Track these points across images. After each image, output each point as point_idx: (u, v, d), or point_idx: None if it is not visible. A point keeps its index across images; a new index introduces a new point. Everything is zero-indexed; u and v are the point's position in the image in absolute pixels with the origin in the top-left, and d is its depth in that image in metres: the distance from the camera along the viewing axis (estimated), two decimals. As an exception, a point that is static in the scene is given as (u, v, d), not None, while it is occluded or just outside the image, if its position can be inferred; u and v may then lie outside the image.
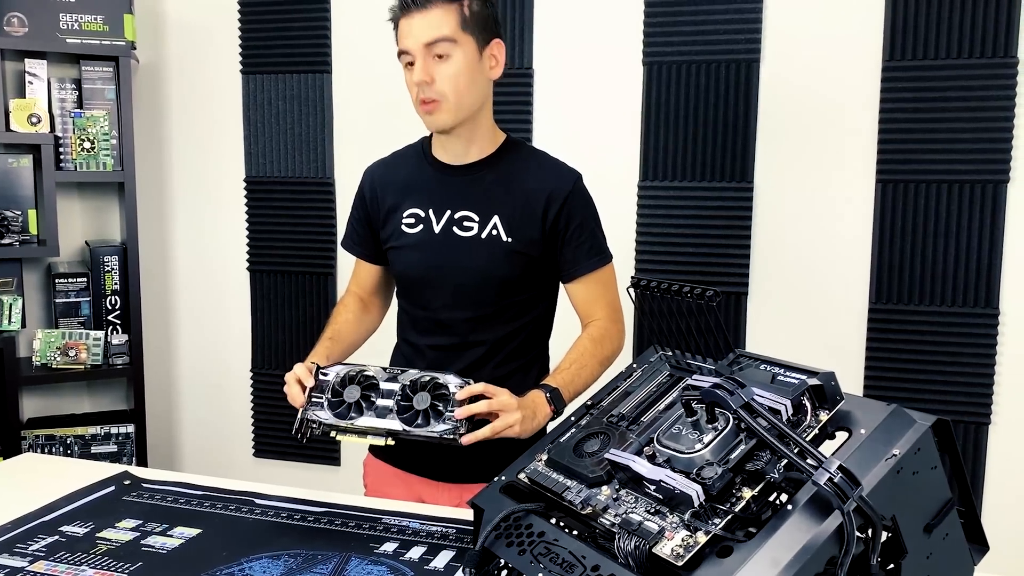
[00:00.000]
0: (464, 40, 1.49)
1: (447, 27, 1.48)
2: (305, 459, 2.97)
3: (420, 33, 1.48)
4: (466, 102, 1.52)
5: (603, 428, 1.16)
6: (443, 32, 1.48)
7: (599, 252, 1.61)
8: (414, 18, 1.48)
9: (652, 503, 1.01)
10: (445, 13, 1.48)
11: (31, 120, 2.54)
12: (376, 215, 1.68)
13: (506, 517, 1.11)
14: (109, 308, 2.74)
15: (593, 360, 1.57)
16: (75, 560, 1.30)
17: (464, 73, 1.50)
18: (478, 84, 1.54)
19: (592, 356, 1.57)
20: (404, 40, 1.51)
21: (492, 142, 1.61)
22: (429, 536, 1.39)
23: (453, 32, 1.48)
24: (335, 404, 1.44)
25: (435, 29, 1.48)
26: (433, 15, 1.48)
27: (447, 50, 1.48)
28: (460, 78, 1.50)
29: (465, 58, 1.49)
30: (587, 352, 1.57)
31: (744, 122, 2.46)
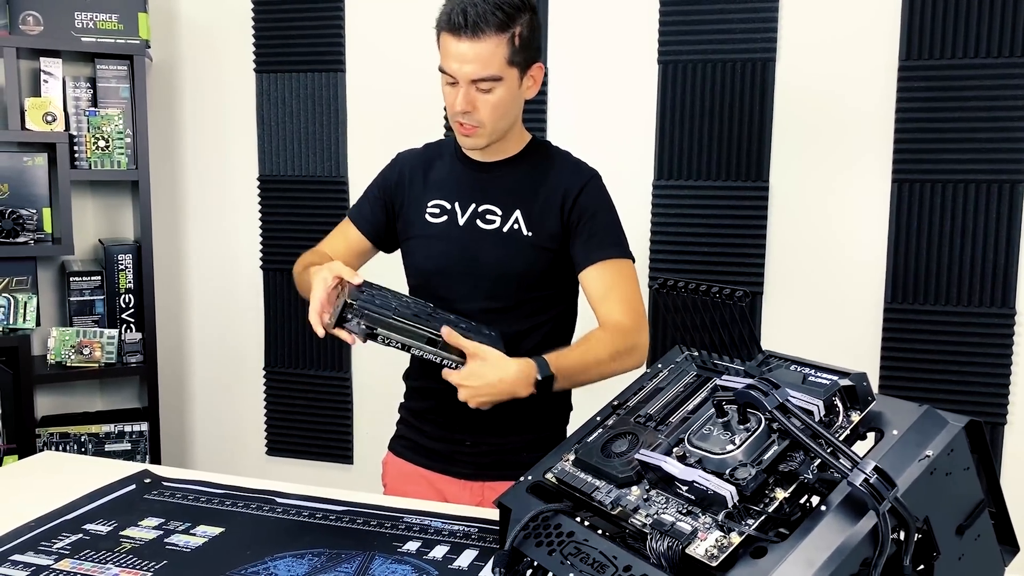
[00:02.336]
0: (510, 74, 1.49)
1: (495, 64, 1.47)
2: (318, 457, 2.97)
3: (468, 68, 1.47)
4: (501, 126, 1.55)
5: (631, 428, 1.16)
6: (491, 71, 1.47)
7: (615, 245, 1.59)
8: (463, 43, 1.46)
9: (684, 504, 1.01)
10: (497, 46, 1.46)
11: (46, 119, 2.54)
12: (398, 201, 1.69)
13: (535, 517, 1.11)
14: (123, 306, 2.75)
15: (602, 350, 1.49)
16: (100, 558, 1.30)
17: (505, 103, 1.51)
18: (516, 107, 1.57)
19: (602, 347, 1.50)
20: (449, 63, 1.49)
21: (518, 143, 1.64)
22: (452, 535, 1.39)
23: (500, 69, 1.47)
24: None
25: (484, 66, 1.46)
26: (484, 47, 1.45)
27: (492, 85, 1.49)
28: (500, 108, 1.51)
29: (508, 90, 1.50)
30: (596, 340, 1.51)
31: (760, 121, 2.45)
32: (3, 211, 2.50)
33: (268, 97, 2.84)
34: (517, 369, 1.40)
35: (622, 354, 1.52)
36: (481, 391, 1.39)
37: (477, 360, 1.39)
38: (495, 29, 1.44)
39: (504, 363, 1.40)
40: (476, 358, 1.39)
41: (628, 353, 1.53)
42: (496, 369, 1.38)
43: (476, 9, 1.44)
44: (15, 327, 2.57)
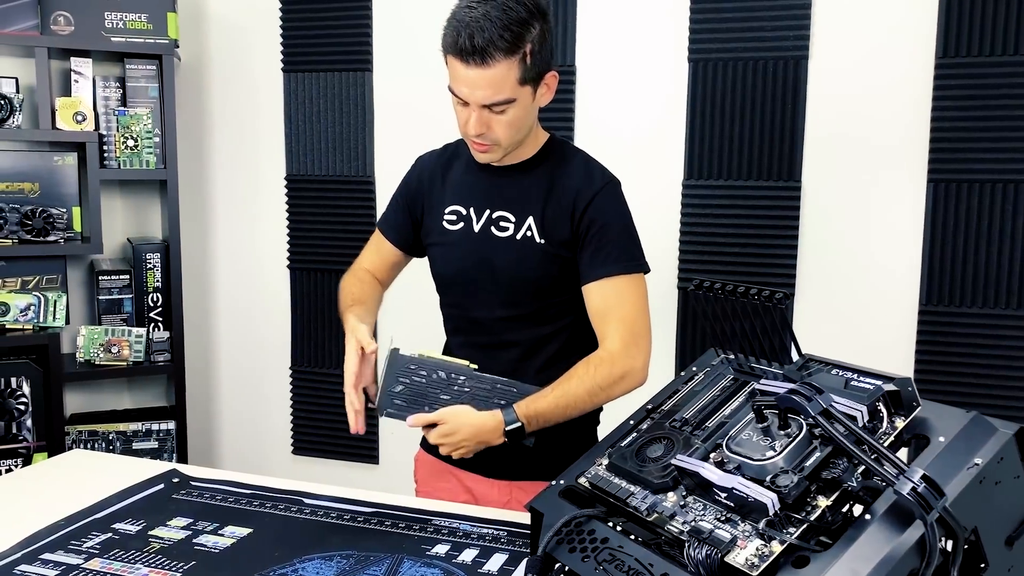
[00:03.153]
0: (522, 93, 1.43)
1: (507, 88, 1.41)
2: (344, 457, 2.97)
3: (478, 93, 1.42)
4: (517, 139, 1.52)
5: (666, 433, 1.14)
6: (503, 95, 1.42)
7: (619, 260, 1.51)
8: (472, 70, 1.40)
9: (722, 511, 0.98)
10: (508, 69, 1.39)
11: (76, 118, 2.55)
12: (419, 206, 1.67)
13: (568, 522, 1.09)
14: (151, 305, 2.76)
15: (580, 388, 1.46)
16: (129, 558, 1.30)
17: (519, 119, 1.47)
18: (531, 118, 1.53)
19: (579, 385, 1.46)
20: (459, 87, 1.44)
21: (533, 146, 1.59)
22: (481, 538, 1.38)
23: (512, 91, 1.42)
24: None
25: (495, 91, 1.41)
26: (494, 73, 1.39)
27: (505, 107, 1.44)
28: (515, 124, 1.48)
29: (522, 107, 1.46)
30: (575, 378, 1.47)
31: (792, 120, 2.42)
32: (34, 210, 2.52)
33: (295, 97, 2.84)
34: (481, 423, 1.42)
35: (606, 387, 1.48)
36: (458, 447, 1.44)
37: (445, 424, 1.43)
38: (504, 53, 1.37)
39: (469, 419, 1.42)
40: (442, 422, 1.43)
41: (615, 383, 1.48)
42: (464, 428, 1.43)
43: (484, 34, 1.36)
44: (45, 325, 2.59)
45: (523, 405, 1.44)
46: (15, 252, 2.53)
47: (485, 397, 1.46)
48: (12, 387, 2.55)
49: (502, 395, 1.46)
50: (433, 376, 1.45)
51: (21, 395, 2.55)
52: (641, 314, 1.54)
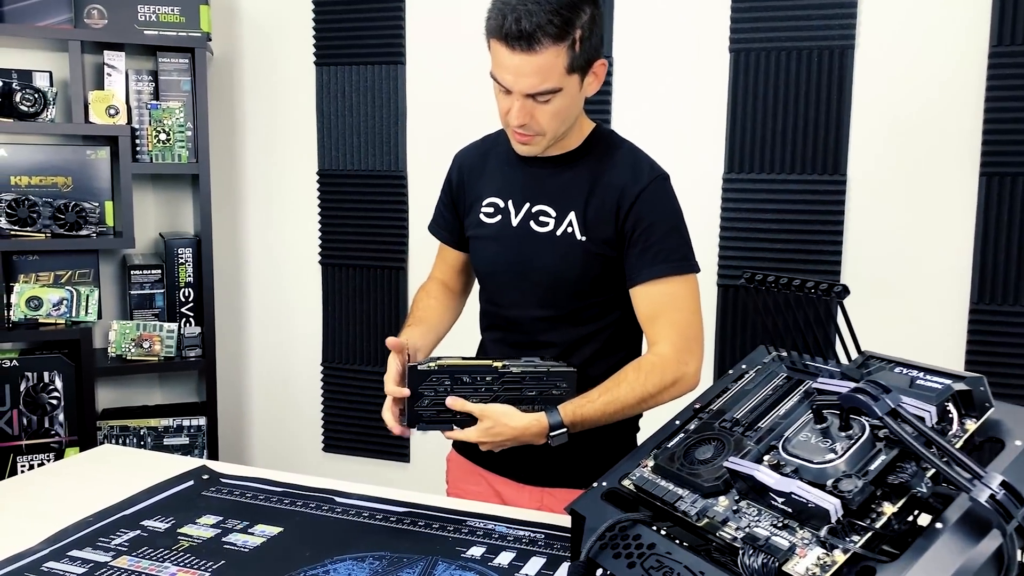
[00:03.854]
0: (569, 82, 1.36)
1: (554, 77, 1.34)
2: (375, 455, 2.93)
3: (523, 81, 1.35)
4: (561, 131, 1.45)
5: (716, 433, 1.08)
6: (549, 84, 1.35)
7: (669, 260, 1.44)
8: (517, 56, 1.32)
9: (778, 517, 0.93)
10: (556, 57, 1.32)
11: (109, 112, 2.54)
12: (461, 201, 1.62)
13: (612, 526, 1.03)
14: (183, 300, 2.74)
15: (630, 394, 1.40)
16: (158, 556, 1.28)
17: (565, 110, 1.40)
18: (576, 109, 1.45)
19: (629, 391, 1.40)
20: (502, 74, 1.37)
21: (578, 136, 1.52)
22: (517, 541, 1.34)
23: (559, 80, 1.34)
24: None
25: (541, 80, 1.33)
26: (541, 60, 1.32)
27: (550, 97, 1.37)
28: (560, 115, 1.40)
29: (568, 97, 1.39)
30: (625, 383, 1.41)
31: (837, 111, 2.34)
32: (66, 204, 2.51)
33: (328, 90, 2.81)
34: (525, 426, 1.37)
35: (656, 394, 1.42)
36: (502, 445, 1.39)
37: (487, 420, 1.37)
38: (553, 39, 1.30)
39: (512, 421, 1.36)
40: (485, 419, 1.37)
41: (666, 389, 1.43)
42: (507, 430, 1.36)
43: (532, 18, 1.29)
44: (77, 320, 2.58)
45: (569, 409, 1.38)
46: (48, 246, 2.53)
47: (516, 392, 1.40)
48: (44, 381, 2.54)
49: (533, 385, 1.40)
50: (459, 382, 1.40)
51: (53, 389, 2.55)
52: (693, 317, 1.47)
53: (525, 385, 1.40)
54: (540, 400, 1.40)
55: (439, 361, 1.41)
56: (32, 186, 2.56)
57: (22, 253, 2.58)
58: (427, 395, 1.40)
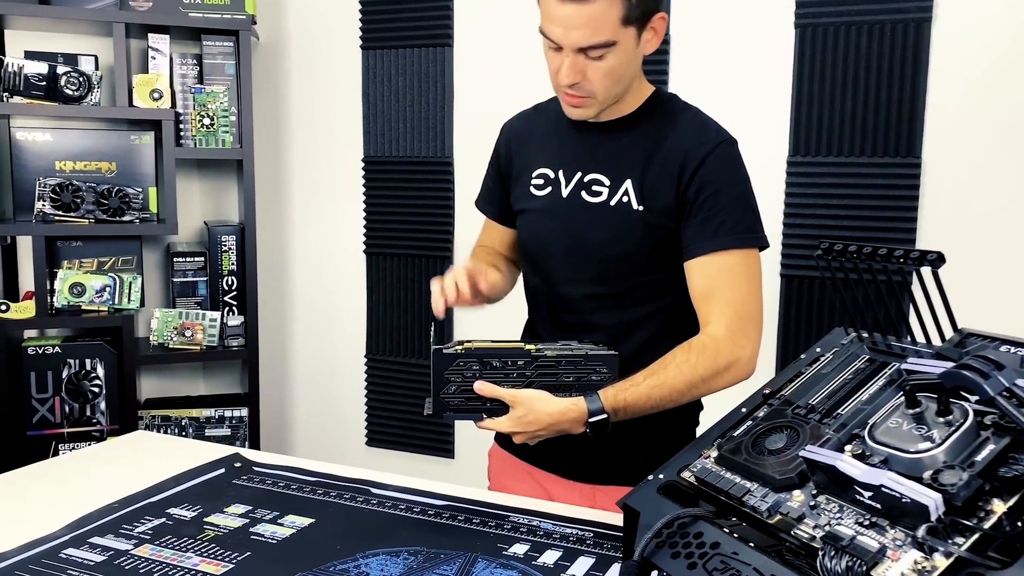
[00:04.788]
0: (625, 35, 1.26)
1: (607, 29, 1.23)
2: (418, 450, 2.85)
3: (574, 34, 1.24)
4: (615, 92, 1.33)
5: (788, 421, 0.96)
6: (602, 37, 1.24)
7: (732, 232, 1.31)
8: (567, 6, 1.22)
9: (864, 513, 0.81)
10: (608, 7, 1.22)
11: (153, 96, 2.50)
12: (509, 173, 1.52)
13: (670, 523, 0.92)
14: (225, 289, 2.69)
15: (678, 378, 1.28)
16: (181, 545, 1.21)
17: (619, 69, 1.29)
18: (631, 69, 1.33)
19: (677, 374, 1.28)
20: (551, 27, 1.26)
21: (636, 99, 1.40)
22: (563, 539, 1.24)
23: (613, 32, 1.24)
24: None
25: (593, 32, 1.23)
26: (593, 9, 1.22)
27: (604, 52, 1.26)
28: (614, 74, 1.29)
29: (623, 53, 1.27)
30: (673, 366, 1.29)
31: (912, 90, 2.19)
32: (110, 189, 2.47)
33: (374, 75, 2.74)
34: (561, 412, 1.26)
35: (707, 379, 1.30)
36: (537, 435, 1.28)
37: (519, 408, 1.26)
38: None
39: (547, 408, 1.26)
40: (517, 406, 1.26)
41: (718, 374, 1.30)
42: (542, 417, 1.26)
43: None
44: (120, 307, 2.55)
45: (610, 394, 1.27)
46: (91, 232, 2.50)
47: (552, 378, 1.29)
48: (86, 369, 2.51)
49: (570, 370, 1.29)
50: (488, 367, 1.29)
51: (95, 377, 2.52)
52: (752, 296, 1.34)
53: (561, 370, 1.29)
54: (578, 387, 1.29)
55: (467, 344, 1.30)
56: (76, 171, 2.54)
57: (66, 239, 2.55)
58: (454, 380, 1.29)
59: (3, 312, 2.42)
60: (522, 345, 1.31)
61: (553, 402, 1.26)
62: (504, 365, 1.28)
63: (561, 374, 1.29)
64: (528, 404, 1.26)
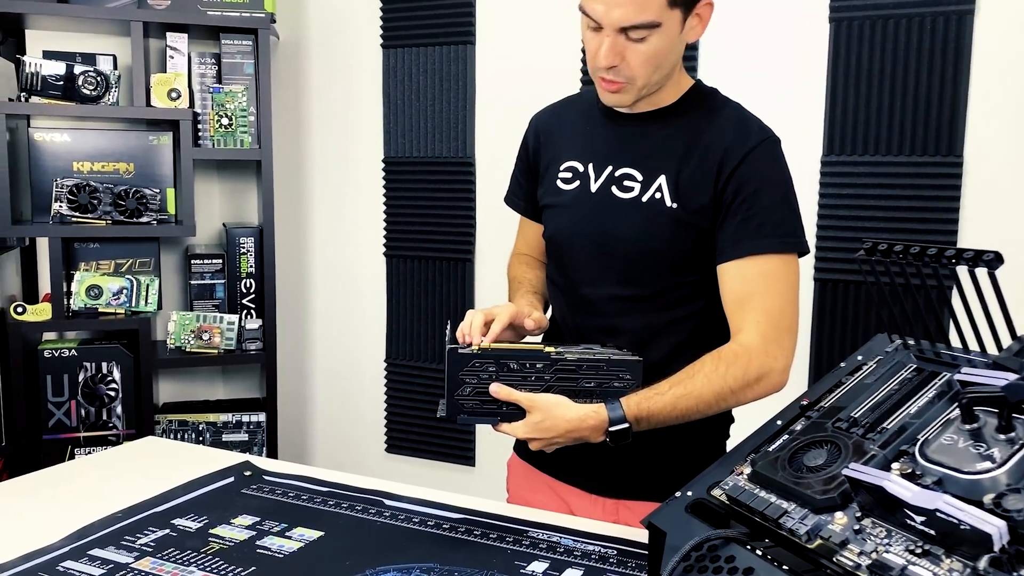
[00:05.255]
0: (670, 18, 1.20)
1: (652, 9, 1.17)
2: (439, 457, 2.79)
3: (616, 13, 1.18)
4: (655, 79, 1.27)
5: (829, 435, 0.88)
6: (646, 17, 1.18)
7: (772, 235, 1.24)
8: None
9: (916, 540, 0.73)
10: None
11: (171, 95, 2.47)
12: (536, 168, 1.45)
13: (699, 545, 0.85)
14: (244, 291, 2.65)
15: (706, 388, 1.22)
16: (184, 559, 1.15)
17: (661, 53, 1.22)
18: (673, 56, 1.27)
19: (706, 384, 1.22)
20: (592, 4, 1.20)
21: (676, 90, 1.33)
22: (585, 557, 1.17)
23: (658, 13, 1.18)
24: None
25: (638, 11, 1.17)
26: None
27: (647, 33, 1.19)
28: (655, 59, 1.22)
29: (666, 38, 1.21)
30: (701, 375, 1.22)
31: (953, 86, 2.09)
32: (127, 190, 2.44)
33: (394, 74, 2.69)
34: (580, 420, 1.20)
35: (737, 390, 1.23)
36: (553, 442, 1.23)
37: (536, 412, 1.21)
38: None
39: (565, 414, 1.20)
40: (534, 411, 1.21)
41: (748, 386, 1.23)
42: (560, 423, 1.21)
43: None
44: (137, 310, 2.51)
45: (633, 402, 1.20)
46: (108, 233, 2.46)
47: (572, 383, 1.23)
48: (103, 372, 2.48)
49: (591, 375, 1.23)
50: (505, 368, 1.23)
51: (111, 381, 2.48)
52: (789, 305, 1.27)
53: (582, 375, 1.23)
54: (599, 393, 1.23)
55: (483, 344, 1.24)
56: (94, 172, 2.51)
57: (83, 240, 2.52)
58: (469, 382, 1.23)
59: (19, 314, 2.39)
60: (541, 347, 1.24)
61: (572, 408, 1.20)
62: (522, 368, 1.23)
63: (581, 379, 1.23)
64: (546, 409, 1.20)
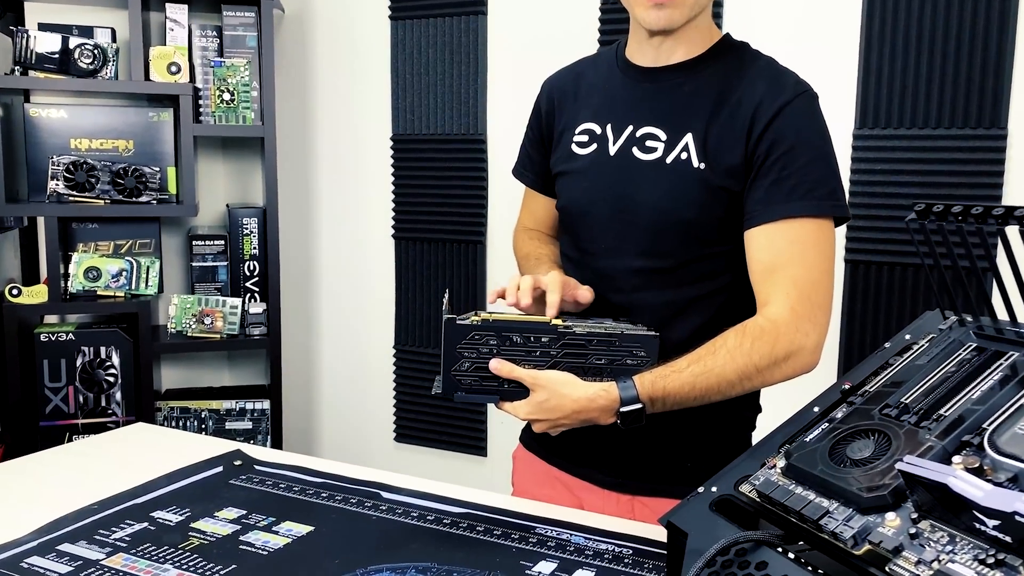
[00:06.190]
0: None
1: None
2: (449, 447, 2.69)
3: None
4: (701, 4, 1.17)
5: (876, 424, 0.77)
6: None
7: (808, 196, 1.12)
8: None
9: (987, 547, 0.61)
10: None
11: (171, 69, 2.37)
12: (550, 134, 1.34)
13: (725, 548, 0.74)
14: (247, 274, 2.56)
15: (729, 366, 1.10)
16: (160, 555, 1.06)
17: None
18: None
19: (729, 361, 1.10)
20: None
21: (704, 40, 1.22)
22: (597, 556, 1.07)
23: None
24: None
25: None
26: None
27: None
28: None
29: None
30: (723, 351, 1.11)
31: (998, 53, 1.96)
32: (125, 169, 2.35)
33: (403, 47, 2.58)
34: (589, 399, 1.09)
35: (763, 369, 1.11)
36: (559, 424, 1.13)
37: (540, 391, 1.11)
38: None
39: (572, 393, 1.10)
40: (538, 389, 1.11)
41: (776, 364, 1.12)
42: (566, 403, 1.10)
43: None
44: (137, 293, 2.43)
45: (647, 381, 1.09)
46: (107, 212, 2.38)
47: (581, 359, 1.12)
48: (101, 357, 2.40)
49: (602, 351, 1.13)
50: (507, 342, 1.12)
51: (110, 366, 2.40)
52: (823, 277, 1.14)
53: (592, 350, 1.12)
54: (610, 371, 1.12)
55: (484, 315, 1.13)
56: (93, 149, 2.42)
57: (81, 220, 2.44)
58: (468, 356, 1.13)
59: (15, 297, 2.31)
60: (547, 320, 1.13)
61: (580, 387, 1.09)
62: (526, 342, 1.12)
63: (591, 355, 1.12)
64: (551, 388, 1.09)
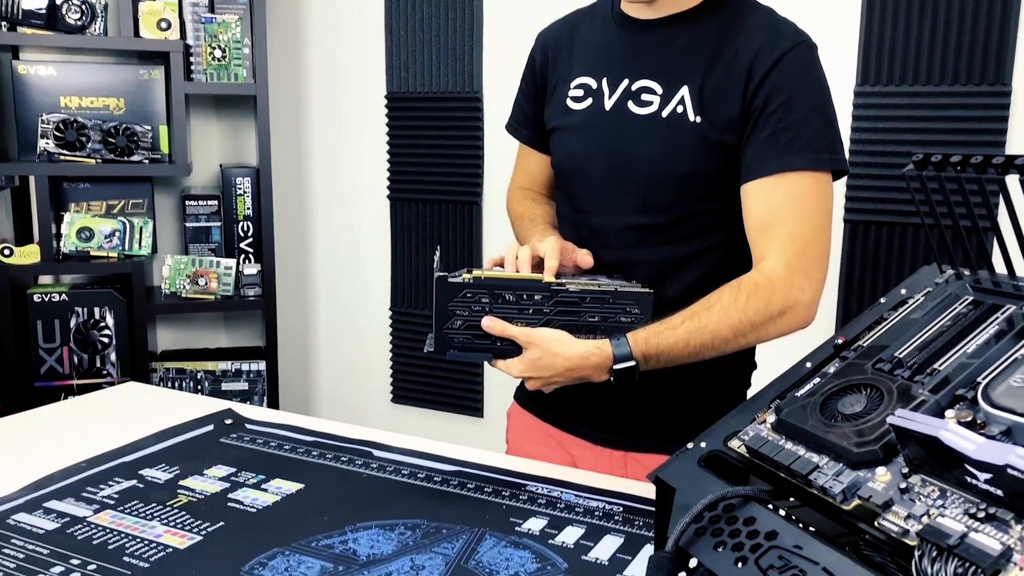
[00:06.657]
0: None
1: None
2: (446, 408, 2.69)
3: None
4: None
5: (868, 378, 0.75)
6: None
7: (805, 150, 1.11)
8: None
9: (978, 501, 0.60)
10: None
11: (160, 25, 2.33)
12: (544, 88, 1.32)
13: (713, 504, 0.73)
14: (241, 235, 2.54)
15: (723, 321, 1.09)
16: (146, 513, 1.06)
17: None
18: None
19: (723, 317, 1.09)
20: None
21: None
22: (587, 513, 1.07)
23: None
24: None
25: None
26: None
27: None
28: None
29: None
30: (718, 307, 1.09)
31: (1002, 8, 1.91)
32: (116, 127, 2.32)
33: (397, 2, 2.53)
34: (582, 357, 1.08)
35: (758, 324, 1.10)
36: (552, 381, 1.12)
37: (533, 349, 1.10)
38: None
39: (565, 350, 1.09)
40: (531, 346, 1.10)
41: (771, 320, 1.10)
42: (558, 360, 1.09)
43: None
44: (130, 253, 2.41)
45: (641, 338, 1.08)
46: (98, 172, 2.35)
47: (574, 317, 1.11)
48: (95, 318, 2.38)
49: (595, 308, 1.12)
50: (499, 300, 1.11)
51: (104, 326, 2.39)
52: (821, 231, 1.13)
53: (585, 308, 1.11)
54: (603, 328, 1.11)
55: (476, 273, 1.12)
56: (83, 108, 2.39)
57: (73, 180, 2.41)
58: (460, 314, 1.11)
59: (7, 257, 2.30)
60: (540, 278, 1.12)
61: (573, 344, 1.08)
62: (518, 299, 1.10)
63: (584, 313, 1.11)
64: (543, 345, 1.08)
